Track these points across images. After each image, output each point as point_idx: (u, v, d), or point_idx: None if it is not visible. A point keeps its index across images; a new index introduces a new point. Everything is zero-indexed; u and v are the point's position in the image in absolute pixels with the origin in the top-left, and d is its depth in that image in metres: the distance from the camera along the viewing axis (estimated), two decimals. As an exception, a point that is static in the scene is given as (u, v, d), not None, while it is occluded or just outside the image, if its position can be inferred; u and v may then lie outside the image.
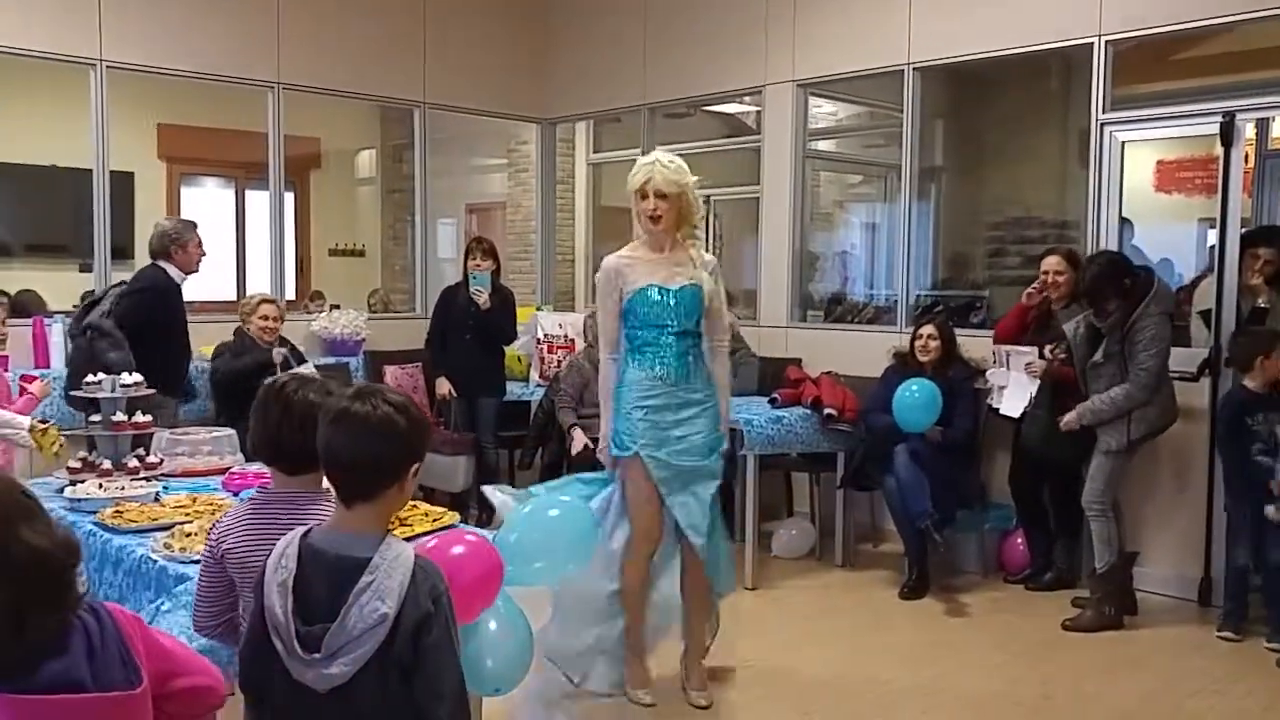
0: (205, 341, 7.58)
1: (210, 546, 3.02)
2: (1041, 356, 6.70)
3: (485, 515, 7.85)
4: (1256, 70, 7.23)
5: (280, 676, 2.45)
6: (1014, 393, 6.85)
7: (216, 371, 7.38)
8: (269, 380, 3.10)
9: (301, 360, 7.51)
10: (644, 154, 9.49)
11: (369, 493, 2.49)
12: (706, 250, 5.23)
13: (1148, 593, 6.71)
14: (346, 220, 13.40)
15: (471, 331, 8.15)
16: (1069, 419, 6.36)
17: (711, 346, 5.02)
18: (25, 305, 8.91)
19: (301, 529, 2.57)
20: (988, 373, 7.06)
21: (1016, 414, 6.83)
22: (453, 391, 8.20)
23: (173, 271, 6.87)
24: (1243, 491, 6.10)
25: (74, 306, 9.23)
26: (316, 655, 2.39)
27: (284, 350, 7.37)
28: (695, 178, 4.93)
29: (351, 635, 2.36)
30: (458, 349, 8.23)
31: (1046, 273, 6.91)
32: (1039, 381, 6.68)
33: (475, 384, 8.27)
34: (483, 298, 7.99)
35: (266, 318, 7.48)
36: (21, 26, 7.64)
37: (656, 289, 4.83)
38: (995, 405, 6.98)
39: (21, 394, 5.64)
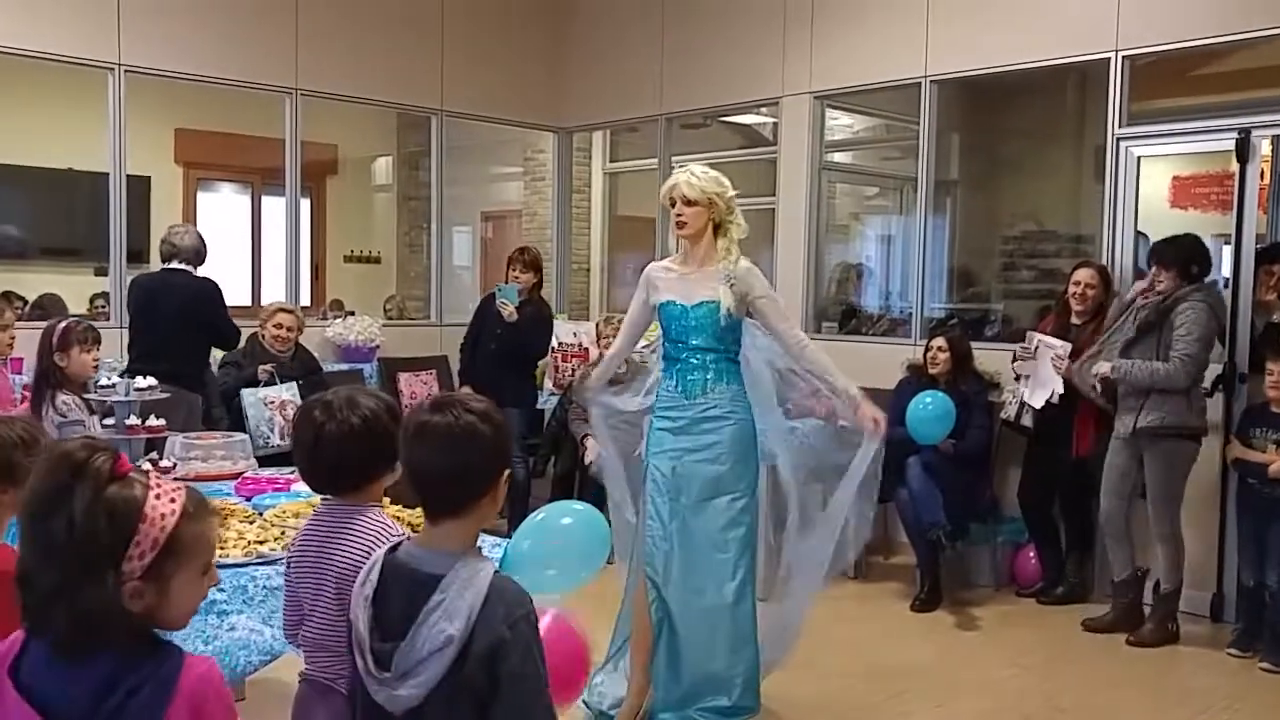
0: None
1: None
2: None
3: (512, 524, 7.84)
4: (1273, 87, 7.21)
5: (363, 695, 2.38)
6: (1040, 383, 6.79)
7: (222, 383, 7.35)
8: (301, 405, 3.08)
9: (298, 377, 7.39)
10: (660, 164, 9.68)
11: (457, 507, 2.38)
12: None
13: (1160, 609, 6.69)
14: (362, 227, 13.42)
15: (497, 342, 7.95)
16: (1101, 368, 6.29)
17: (791, 351, 4.96)
18: (47, 308, 8.93)
19: (392, 543, 2.49)
20: (1014, 365, 6.97)
21: (1039, 404, 6.77)
22: None
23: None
24: (1243, 505, 6.15)
25: (86, 312, 9.30)
26: (388, 674, 2.30)
27: (270, 368, 7.30)
28: (733, 191, 4.95)
29: (420, 656, 2.26)
30: (483, 358, 8.07)
31: (1079, 283, 6.86)
32: (1062, 379, 6.64)
33: (496, 394, 7.98)
34: (507, 310, 7.78)
35: (281, 326, 7.44)
36: (41, 30, 7.70)
37: (676, 304, 4.90)
38: (1022, 400, 6.90)
39: (24, 401, 5.63)
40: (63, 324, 5.37)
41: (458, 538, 2.39)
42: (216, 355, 7.40)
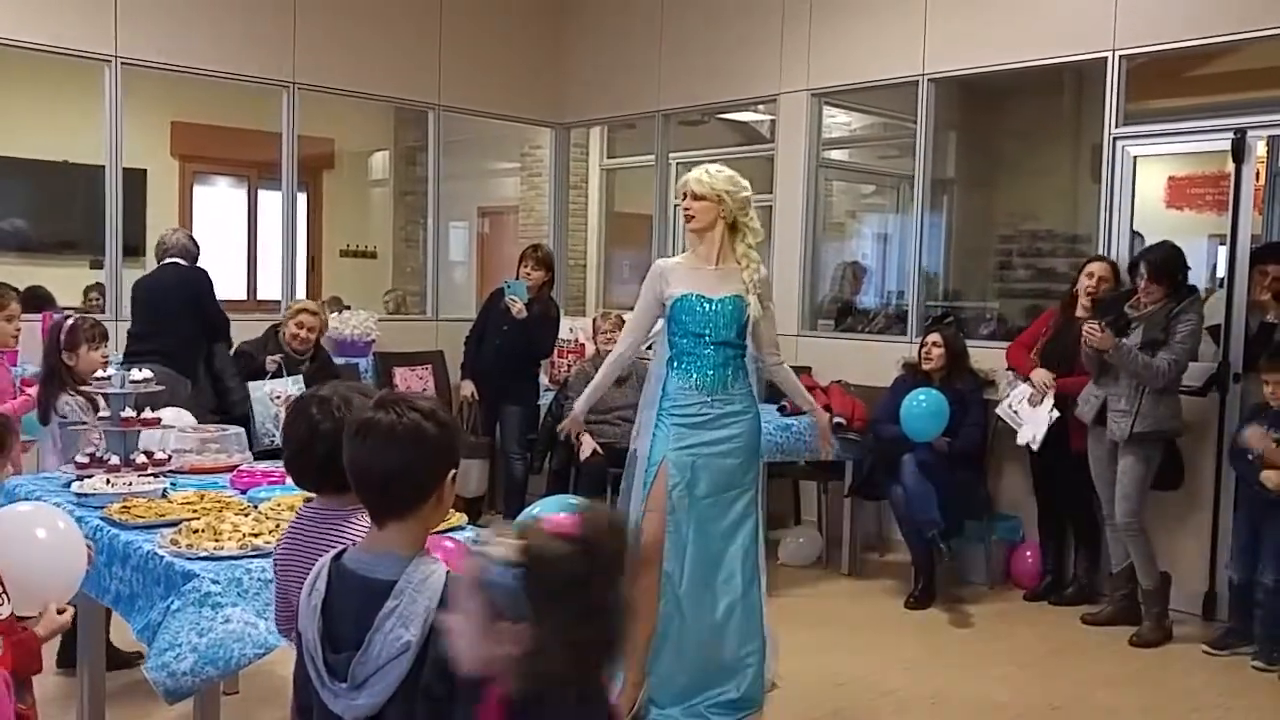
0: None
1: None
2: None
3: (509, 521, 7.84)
4: (1268, 88, 7.22)
5: (318, 703, 2.32)
6: (1029, 421, 6.79)
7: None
8: (293, 401, 3.05)
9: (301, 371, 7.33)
10: (657, 160, 9.69)
11: (402, 509, 2.30)
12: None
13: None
14: (359, 221, 13.39)
15: (502, 338, 7.94)
16: (1100, 335, 6.18)
17: (767, 365, 5.16)
18: (37, 300, 8.89)
19: (336, 550, 2.41)
20: (1012, 390, 6.99)
21: (1029, 442, 6.76)
22: (475, 394, 8.12)
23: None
24: (1240, 503, 6.18)
25: (80, 305, 9.28)
26: (343, 685, 2.25)
27: (277, 358, 7.24)
28: (747, 192, 4.98)
29: (376, 664, 2.20)
30: (487, 353, 8.07)
31: (1092, 275, 6.81)
32: (1055, 411, 6.64)
33: (498, 391, 8.08)
34: (516, 307, 7.77)
35: (302, 326, 7.26)
36: (37, 22, 7.68)
37: (697, 298, 4.90)
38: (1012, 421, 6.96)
39: (20, 395, 5.63)
40: (70, 322, 5.34)
41: (405, 541, 2.31)
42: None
